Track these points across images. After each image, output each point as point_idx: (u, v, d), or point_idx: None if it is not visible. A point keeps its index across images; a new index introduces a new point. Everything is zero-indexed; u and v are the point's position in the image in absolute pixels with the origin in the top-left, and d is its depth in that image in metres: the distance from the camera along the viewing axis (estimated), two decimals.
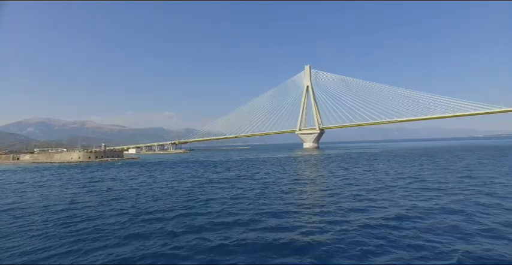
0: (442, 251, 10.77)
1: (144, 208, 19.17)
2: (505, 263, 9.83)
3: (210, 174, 40.62)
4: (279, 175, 36.66)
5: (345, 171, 38.42)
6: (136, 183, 32.90)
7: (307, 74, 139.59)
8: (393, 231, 13.01)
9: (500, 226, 13.24)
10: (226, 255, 11.01)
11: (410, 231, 12.98)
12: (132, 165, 62.38)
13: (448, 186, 24.43)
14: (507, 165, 39.19)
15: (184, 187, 28.09)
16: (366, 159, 61.65)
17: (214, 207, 19.13)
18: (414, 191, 22.53)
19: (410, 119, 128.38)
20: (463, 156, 61.60)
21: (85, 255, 11.30)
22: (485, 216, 15.08)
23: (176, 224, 15.22)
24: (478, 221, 14.17)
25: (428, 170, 36.62)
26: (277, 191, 24.60)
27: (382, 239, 12.10)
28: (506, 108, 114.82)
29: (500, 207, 16.74)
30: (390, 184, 26.42)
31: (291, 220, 15.50)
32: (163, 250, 11.61)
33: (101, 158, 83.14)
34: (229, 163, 61.84)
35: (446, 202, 18.20)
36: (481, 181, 26.06)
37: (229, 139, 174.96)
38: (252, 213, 17.20)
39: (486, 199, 18.93)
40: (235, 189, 26.55)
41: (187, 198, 22.64)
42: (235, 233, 13.50)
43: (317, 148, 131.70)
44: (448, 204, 17.85)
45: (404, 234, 12.59)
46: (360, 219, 15.08)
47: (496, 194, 20.40)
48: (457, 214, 15.56)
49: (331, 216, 16.05)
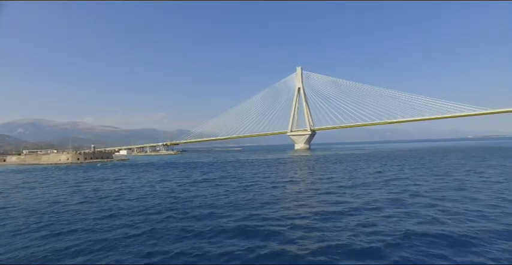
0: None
1: (119, 209, 19.47)
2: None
3: (196, 174, 40.92)
4: (262, 175, 37.13)
5: (324, 172, 39.21)
6: (120, 184, 33.05)
7: (298, 75, 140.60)
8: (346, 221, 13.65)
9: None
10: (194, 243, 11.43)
11: (352, 221, 13.63)
12: (120, 167, 62.24)
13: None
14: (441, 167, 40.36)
15: (166, 188, 28.39)
16: (351, 160, 62.58)
17: (191, 205, 19.53)
18: (367, 189, 23.28)
19: (400, 121, 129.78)
20: (443, 157, 62.99)
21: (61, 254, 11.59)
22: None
23: (141, 224, 15.62)
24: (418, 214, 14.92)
25: (389, 170, 37.54)
26: (254, 191, 25.08)
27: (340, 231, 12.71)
28: (494, 110, 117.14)
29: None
30: (358, 183, 27.19)
31: (261, 216, 16.04)
32: (130, 242, 11.99)
33: (90, 160, 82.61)
34: (217, 164, 62.11)
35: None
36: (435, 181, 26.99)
37: (223, 140, 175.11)
38: (223, 210, 17.82)
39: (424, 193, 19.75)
40: (215, 189, 26.94)
41: (166, 197, 22.95)
42: (202, 228, 14.03)
43: (308, 150, 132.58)
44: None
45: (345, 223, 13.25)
46: (323, 214, 15.79)
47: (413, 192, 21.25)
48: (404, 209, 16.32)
49: (298, 211, 16.88)
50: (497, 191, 22.03)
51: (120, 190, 28.26)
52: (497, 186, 24.11)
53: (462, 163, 46.87)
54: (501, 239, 12.01)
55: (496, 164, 42.89)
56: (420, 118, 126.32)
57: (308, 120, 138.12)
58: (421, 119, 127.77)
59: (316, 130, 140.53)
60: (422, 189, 23.71)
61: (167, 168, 56.50)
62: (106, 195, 26.02)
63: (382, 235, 12.87)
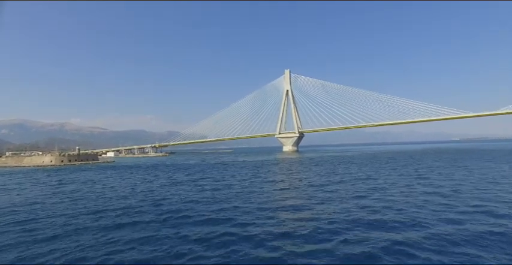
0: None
1: (89, 209, 19.67)
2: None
3: (179, 176, 41.07)
4: (245, 177, 37.62)
5: (305, 174, 40.08)
6: (100, 185, 33.01)
7: (287, 78, 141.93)
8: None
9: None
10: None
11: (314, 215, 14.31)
12: (104, 169, 61.78)
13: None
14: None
15: (146, 189, 28.57)
16: (333, 162, 63.72)
17: (163, 204, 19.88)
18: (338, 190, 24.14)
19: (386, 123, 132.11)
20: (420, 159, 64.74)
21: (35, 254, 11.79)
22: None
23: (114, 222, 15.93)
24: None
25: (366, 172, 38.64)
26: (232, 191, 25.58)
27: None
28: (475, 114, 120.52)
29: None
30: (327, 184, 28.07)
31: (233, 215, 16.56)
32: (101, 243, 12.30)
33: (74, 162, 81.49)
34: (202, 166, 62.28)
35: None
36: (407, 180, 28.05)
37: (213, 142, 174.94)
38: (198, 210, 18.29)
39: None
40: (193, 190, 27.27)
41: (147, 198, 23.16)
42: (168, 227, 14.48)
43: (296, 152, 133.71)
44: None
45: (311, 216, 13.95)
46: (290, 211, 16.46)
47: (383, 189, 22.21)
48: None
49: (266, 210, 17.52)
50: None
51: (98, 192, 28.30)
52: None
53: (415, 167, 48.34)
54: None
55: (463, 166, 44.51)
56: (406, 121, 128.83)
57: (296, 123, 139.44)
58: (407, 122, 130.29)
59: (305, 132, 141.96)
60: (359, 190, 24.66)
61: (152, 170, 56.46)
62: (82, 196, 26.05)
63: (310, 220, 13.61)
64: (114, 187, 31.84)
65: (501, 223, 14.46)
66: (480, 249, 11.36)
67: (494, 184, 26.41)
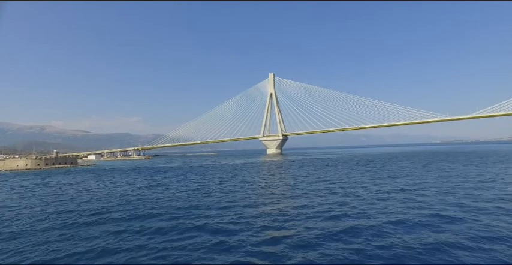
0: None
1: (60, 212, 19.68)
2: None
3: (156, 178, 41.03)
4: (217, 180, 38.03)
5: (280, 175, 40.99)
6: (73, 189, 32.64)
7: (271, 81, 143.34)
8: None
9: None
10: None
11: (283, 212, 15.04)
12: (82, 172, 60.71)
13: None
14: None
15: (121, 191, 28.57)
16: (313, 164, 64.96)
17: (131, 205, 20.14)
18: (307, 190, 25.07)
19: (368, 126, 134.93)
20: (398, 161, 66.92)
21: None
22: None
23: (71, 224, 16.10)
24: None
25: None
26: (204, 193, 26.04)
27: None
28: (453, 117, 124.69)
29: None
30: (298, 184, 28.97)
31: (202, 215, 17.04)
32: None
33: (51, 165, 79.53)
34: (182, 169, 62.19)
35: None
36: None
37: (199, 145, 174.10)
38: (164, 211, 18.70)
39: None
40: (166, 192, 27.51)
41: (117, 200, 23.24)
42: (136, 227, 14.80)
43: (280, 155, 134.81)
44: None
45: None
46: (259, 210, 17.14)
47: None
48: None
49: (231, 211, 18.16)
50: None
51: (69, 195, 28.07)
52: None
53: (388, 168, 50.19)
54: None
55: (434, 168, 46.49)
56: (387, 124, 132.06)
57: (280, 126, 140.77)
58: (388, 125, 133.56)
59: (288, 135, 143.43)
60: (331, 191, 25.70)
61: (131, 173, 56.02)
62: (54, 200, 25.81)
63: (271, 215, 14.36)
64: (87, 191, 31.62)
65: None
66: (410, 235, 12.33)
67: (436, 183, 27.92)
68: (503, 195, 21.90)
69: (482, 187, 26.03)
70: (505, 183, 27.94)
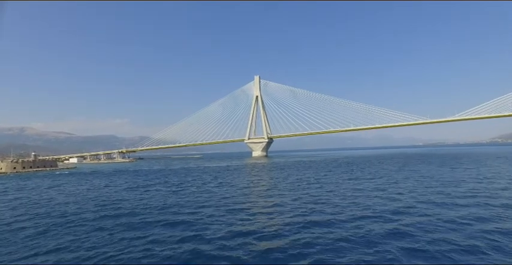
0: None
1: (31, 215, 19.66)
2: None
3: (137, 181, 40.95)
4: (193, 182, 38.38)
5: (260, 177, 41.78)
6: (50, 192, 32.27)
7: (256, 83, 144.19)
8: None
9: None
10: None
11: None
12: (62, 176, 59.65)
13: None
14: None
15: (97, 195, 28.55)
16: (295, 167, 66.09)
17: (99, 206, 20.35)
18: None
19: (351, 129, 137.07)
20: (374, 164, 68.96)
21: None
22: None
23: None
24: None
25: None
26: (181, 195, 26.42)
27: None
28: (433, 120, 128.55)
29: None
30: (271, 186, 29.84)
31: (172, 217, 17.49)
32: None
33: (29, 169, 77.50)
34: (164, 171, 62.01)
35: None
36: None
37: (184, 147, 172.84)
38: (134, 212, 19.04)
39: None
40: (145, 194, 27.73)
41: (93, 204, 23.32)
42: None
43: (265, 157, 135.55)
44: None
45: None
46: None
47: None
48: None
49: (198, 212, 18.68)
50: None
51: (45, 199, 27.80)
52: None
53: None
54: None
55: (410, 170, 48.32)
56: (371, 126, 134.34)
57: (265, 128, 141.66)
58: (371, 128, 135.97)
59: (274, 138, 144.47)
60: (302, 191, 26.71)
61: (112, 176, 55.51)
62: (24, 203, 25.55)
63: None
64: (63, 194, 31.33)
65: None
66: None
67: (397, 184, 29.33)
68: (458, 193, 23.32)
69: (440, 186, 27.51)
70: (455, 183, 29.56)
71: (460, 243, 12.36)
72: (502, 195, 22.68)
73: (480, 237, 12.97)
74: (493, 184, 28.45)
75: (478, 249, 11.62)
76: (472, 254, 11.22)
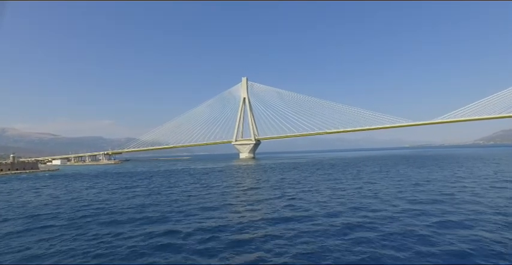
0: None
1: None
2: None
3: (119, 183, 40.66)
4: (174, 184, 38.43)
5: (242, 179, 42.14)
6: (27, 195, 31.73)
7: (244, 85, 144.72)
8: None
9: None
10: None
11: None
12: (42, 178, 58.51)
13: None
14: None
15: (75, 197, 28.30)
16: (283, 168, 66.79)
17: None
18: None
19: (338, 131, 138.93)
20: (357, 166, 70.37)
21: None
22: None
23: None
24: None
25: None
26: (161, 197, 26.52)
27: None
28: (421, 122, 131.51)
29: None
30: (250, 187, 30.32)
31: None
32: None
33: (7, 171, 75.51)
34: (149, 173, 61.60)
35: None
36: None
37: (175, 149, 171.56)
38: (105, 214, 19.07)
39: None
40: (123, 196, 27.65)
41: (70, 206, 23.14)
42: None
43: (253, 159, 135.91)
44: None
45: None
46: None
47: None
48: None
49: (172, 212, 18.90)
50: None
51: (19, 202, 27.36)
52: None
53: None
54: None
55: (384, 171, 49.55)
56: (359, 128, 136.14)
57: (252, 130, 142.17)
58: (358, 130, 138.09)
59: (261, 139, 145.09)
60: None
61: (94, 178, 54.94)
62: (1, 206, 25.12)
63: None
64: (40, 197, 30.90)
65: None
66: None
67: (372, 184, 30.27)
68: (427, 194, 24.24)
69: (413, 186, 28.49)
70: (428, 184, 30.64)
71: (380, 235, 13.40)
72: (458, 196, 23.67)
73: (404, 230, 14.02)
74: (461, 183, 29.60)
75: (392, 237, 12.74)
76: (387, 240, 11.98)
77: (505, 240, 12.72)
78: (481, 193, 24.24)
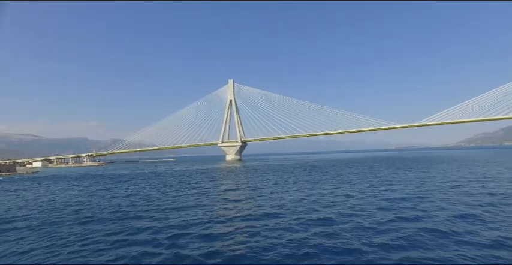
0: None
1: None
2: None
3: (99, 185, 40.32)
4: (150, 186, 38.49)
5: (225, 181, 42.58)
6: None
7: (230, 87, 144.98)
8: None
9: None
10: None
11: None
12: (19, 181, 57.15)
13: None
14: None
15: (49, 200, 28.07)
16: (267, 170, 67.50)
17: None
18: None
19: (324, 133, 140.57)
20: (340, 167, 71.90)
21: None
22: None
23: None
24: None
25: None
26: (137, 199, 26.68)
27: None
28: (402, 125, 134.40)
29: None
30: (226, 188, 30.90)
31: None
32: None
33: None
34: (131, 175, 61.17)
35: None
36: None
37: (161, 151, 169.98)
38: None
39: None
40: (100, 198, 27.65)
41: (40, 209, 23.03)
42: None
43: (239, 161, 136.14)
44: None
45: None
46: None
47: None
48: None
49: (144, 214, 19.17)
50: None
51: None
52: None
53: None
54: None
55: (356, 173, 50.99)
56: (343, 131, 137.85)
57: (239, 132, 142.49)
58: (344, 132, 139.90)
59: (247, 141, 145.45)
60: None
61: (75, 180, 54.22)
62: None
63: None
64: (13, 200, 30.44)
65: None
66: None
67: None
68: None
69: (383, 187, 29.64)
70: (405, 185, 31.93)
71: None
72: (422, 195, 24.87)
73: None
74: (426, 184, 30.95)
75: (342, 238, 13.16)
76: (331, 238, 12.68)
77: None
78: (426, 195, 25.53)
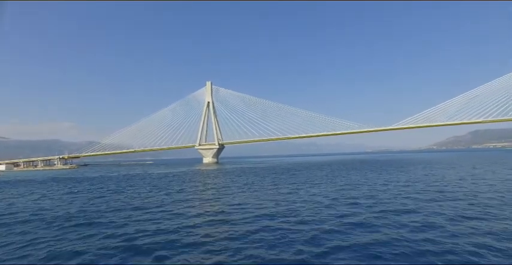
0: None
1: None
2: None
3: (67, 189, 39.43)
4: (118, 189, 38.29)
5: (195, 183, 42.91)
6: None
7: (208, 89, 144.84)
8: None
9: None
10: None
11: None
12: None
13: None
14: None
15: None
16: (241, 172, 68.23)
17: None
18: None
19: (302, 136, 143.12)
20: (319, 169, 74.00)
21: None
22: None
23: None
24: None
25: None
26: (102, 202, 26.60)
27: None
28: (379, 128, 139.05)
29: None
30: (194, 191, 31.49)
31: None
32: None
33: None
34: (102, 178, 59.94)
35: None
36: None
37: (139, 153, 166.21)
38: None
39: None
40: (57, 203, 27.31)
41: None
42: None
43: (216, 163, 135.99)
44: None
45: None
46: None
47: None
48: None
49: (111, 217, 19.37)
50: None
51: None
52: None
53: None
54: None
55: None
56: (321, 134, 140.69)
57: (216, 134, 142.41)
58: (321, 135, 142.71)
59: (225, 144, 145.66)
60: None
61: (42, 184, 52.34)
62: None
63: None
64: None
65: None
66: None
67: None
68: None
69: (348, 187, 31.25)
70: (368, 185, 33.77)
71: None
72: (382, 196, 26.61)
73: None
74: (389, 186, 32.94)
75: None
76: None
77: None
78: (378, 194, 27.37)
